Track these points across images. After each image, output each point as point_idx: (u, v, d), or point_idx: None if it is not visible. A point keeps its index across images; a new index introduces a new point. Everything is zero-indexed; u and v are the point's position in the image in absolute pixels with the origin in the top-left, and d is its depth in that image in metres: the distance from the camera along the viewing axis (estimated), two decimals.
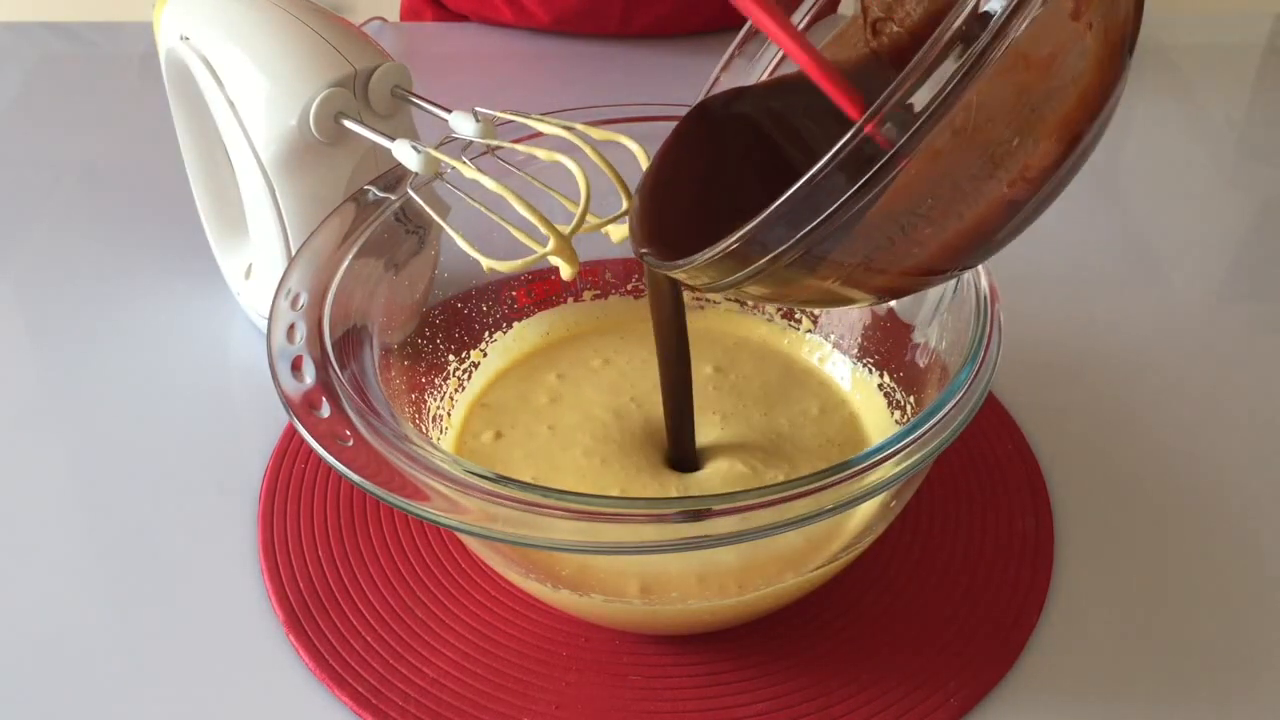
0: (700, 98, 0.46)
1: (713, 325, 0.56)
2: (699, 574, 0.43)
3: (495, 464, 0.48)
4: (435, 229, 0.49)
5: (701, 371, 0.52)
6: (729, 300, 0.57)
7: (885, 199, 0.33)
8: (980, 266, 0.43)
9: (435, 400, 0.51)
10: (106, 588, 0.49)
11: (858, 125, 0.31)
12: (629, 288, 0.57)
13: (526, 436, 0.50)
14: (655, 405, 0.50)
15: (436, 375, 0.52)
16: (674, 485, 0.47)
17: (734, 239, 0.34)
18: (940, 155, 0.32)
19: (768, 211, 0.33)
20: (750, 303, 0.57)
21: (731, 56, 0.47)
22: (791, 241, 0.34)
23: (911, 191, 0.34)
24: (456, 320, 0.53)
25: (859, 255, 0.35)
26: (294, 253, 0.45)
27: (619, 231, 0.46)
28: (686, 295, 0.57)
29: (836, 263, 0.36)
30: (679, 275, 0.39)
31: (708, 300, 0.57)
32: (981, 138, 0.33)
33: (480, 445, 0.50)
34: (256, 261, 0.59)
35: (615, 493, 0.47)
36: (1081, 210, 0.74)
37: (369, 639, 0.46)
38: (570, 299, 0.57)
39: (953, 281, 0.45)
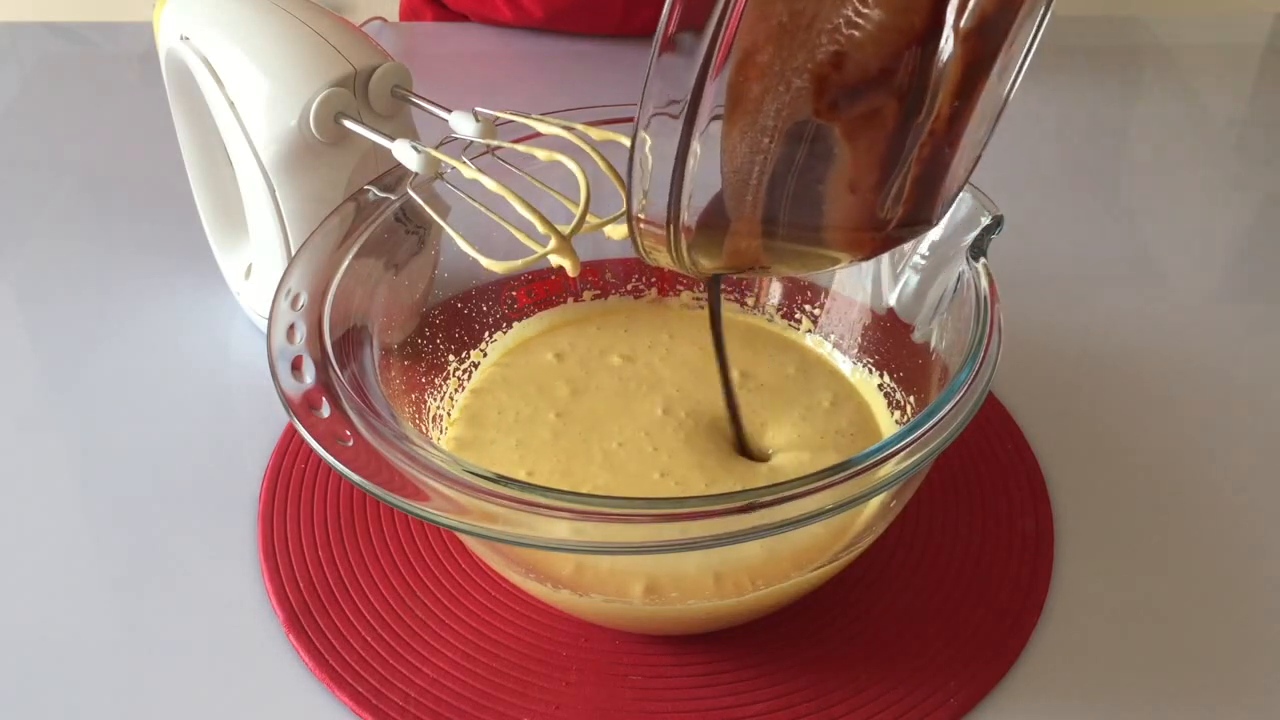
0: None
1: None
2: (717, 572, 0.43)
3: (494, 457, 0.49)
4: (435, 229, 0.49)
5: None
6: (729, 300, 0.57)
7: (727, 131, 0.33)
8: (980, 266, 0.43)
9: (435, 400, 0.51)
10: (106, 587, 0.49)
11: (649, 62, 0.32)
12: (629, 288, 0.57)
13: (517, 424, 0.50)
14: (681, 396, 0.51)
15: (436, 375, 0.52)
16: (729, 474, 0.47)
17: (618, 215, 0.35)
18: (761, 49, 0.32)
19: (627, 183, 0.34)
20: (751, 302, 0.57)
21: None
22: (669, 199, 0.35)
23: (747, 107, 0.33)
24: (456, 320, 0.53)
25: (749, 193, 0.35)
26: (294, 253, 0.45)
27: (619, 230, 0.46)
28: (686, 294, 0.57)
29: (739, 210, 0.36)
30: (655, 262, 0.39)
31: (708, 300, 0.57)
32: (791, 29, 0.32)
33: (472, 436, 0.50)
34: (256, 261, 0.59)
35: (655, 476, 0.47)
36: (1081, 210, 0.74)
37: (369, 639, 0.46)
38: (570, 299, 0.57)
39: (953, 281, 0.45)
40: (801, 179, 0.36)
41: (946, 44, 0.33)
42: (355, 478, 0.36)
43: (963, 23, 0.33)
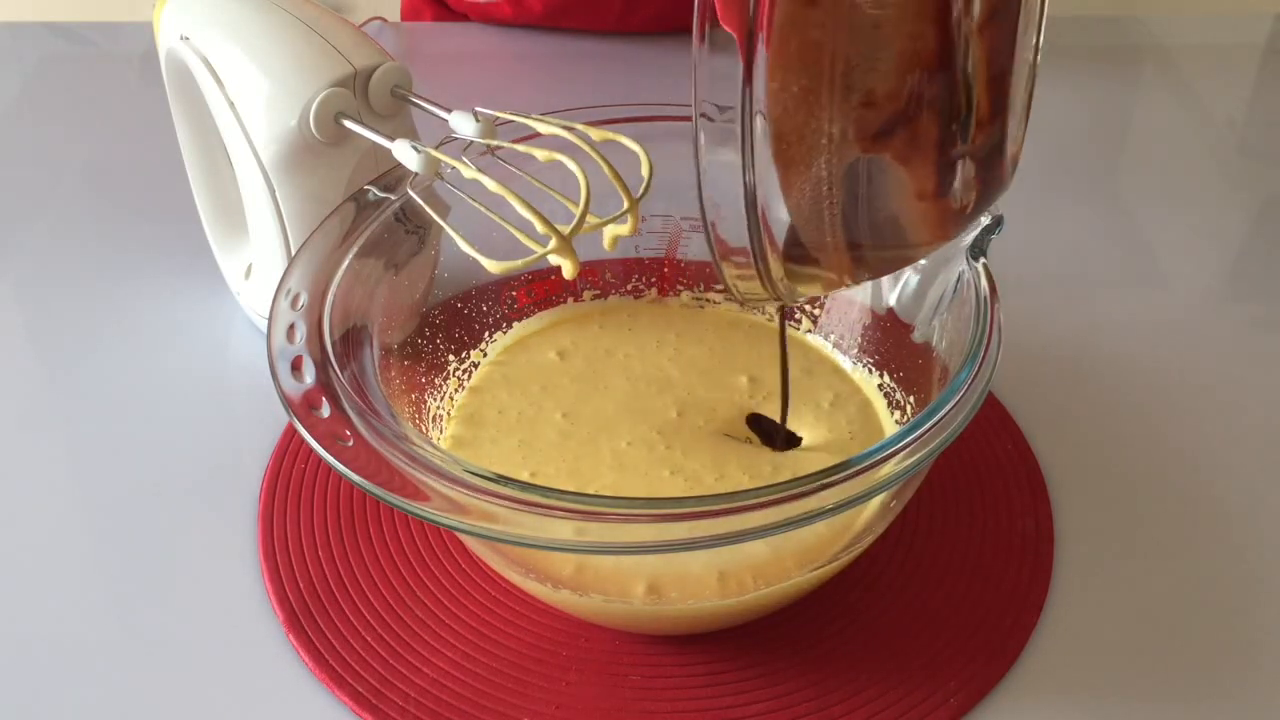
0: None
1: (720, 316, 0.57)
2: (721, 570, 0.43)
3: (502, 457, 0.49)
4: (435, 229, 0.49)
5: (738, 382, 0.53)
6: (728, 300, 0.57)
7: (787, 192, 0.34)
8: (980, 266, 0.43)
9: (435, 400, 0.51)
10: (106, 588, 0.49)
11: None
12: (629, 288, 0.57)
13: (520, 423, 0.50)
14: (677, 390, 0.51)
15: (436, 375, 0.52)
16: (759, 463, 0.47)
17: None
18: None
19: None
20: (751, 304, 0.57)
21: None
22: (750, 244, 0.36)
23: (797, 168, 0.34)
24: (456, 320, 0.53)
25: (816, 222, 0.36)
26: (294, 253, 0.45)
27: (615, 231, 0.46)
28: (685, 294, 0.57)
29: (821, 247, 0.36)
30: (742, 293, 0.40)
31: (708, 300, 0.57)
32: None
33: (472, 436, 0.50)
34: (256, 261, 0.59)
35: (665, 474, 0.47)
36: (1081, 210, 0.74)
37: (369, 639, 0.46)
38: (570, 299, 0.57)
39: (953, 280, 0.45)
40: (870, 206, 0.36)
41: (965, 45, 0.34)
42: (355, 478, 0.36)
43: (975, 20, 0.33)
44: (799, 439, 0.50)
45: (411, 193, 0.48)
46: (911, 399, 0.49)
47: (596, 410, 0.50)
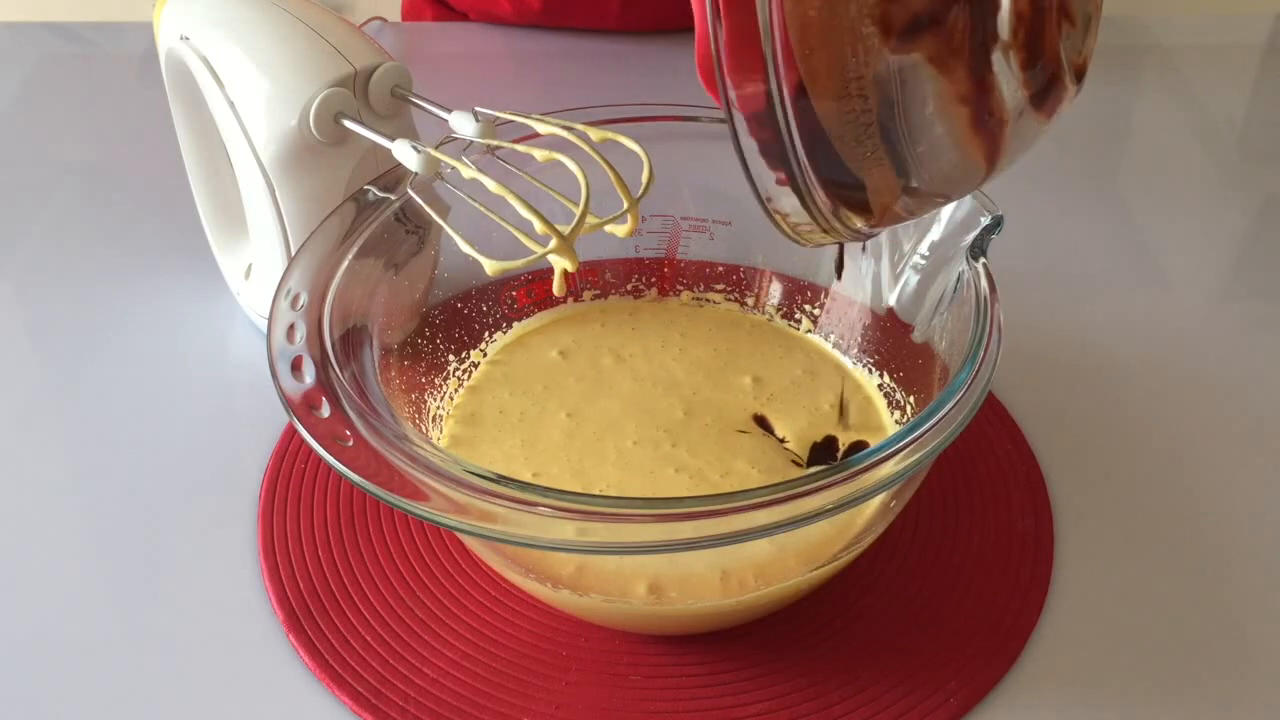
0: None
1: (720, 316, 0.57)
2: (724, 569, 0.43)
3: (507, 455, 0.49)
4: (435, 229, 0.49)
5: (742, 382, 0.53)
6: (728, 300, 0.57)
7: (820, 104, 0.33)
8: (980, 266, 0.43)
9: (435, 400, 0.51)
10: (106, 588, 0.49)
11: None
12: (629, 287, 0.57)
13: (522, 423, 0.50)
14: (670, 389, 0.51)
15: (436, 375, 0.52)
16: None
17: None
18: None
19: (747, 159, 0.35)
20: (752, 302, 0.57)
21: None
22: (796, 189, 0.35)
23: (827, 74, 0.33)
24: (456, 320, 0.53)
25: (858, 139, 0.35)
26: (294, 253, 0.45)
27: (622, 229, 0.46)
28: (686, 294, 0.57)
29: (865, 168, 0.35)
30: (808, 241, 0.39)
31: (707, 300, 0.57)
32: None
33: (472, 435, 0.50)
34: (256, 261, 0.59)
35: (670, 472, 0.47)
36: (1081, 210, 0.74)
37: (369, 639, 0.46)
38: (570, 299, 0.57)
39: (953, 281, 0.45)
40: (910, 116, 0.34)
41: None
42: (355, 478, 0.36)
43: None
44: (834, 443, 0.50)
45: (411, 193, 0.48)
46: (911, 399, 0.49)
47: (602, 410, 0.50)
